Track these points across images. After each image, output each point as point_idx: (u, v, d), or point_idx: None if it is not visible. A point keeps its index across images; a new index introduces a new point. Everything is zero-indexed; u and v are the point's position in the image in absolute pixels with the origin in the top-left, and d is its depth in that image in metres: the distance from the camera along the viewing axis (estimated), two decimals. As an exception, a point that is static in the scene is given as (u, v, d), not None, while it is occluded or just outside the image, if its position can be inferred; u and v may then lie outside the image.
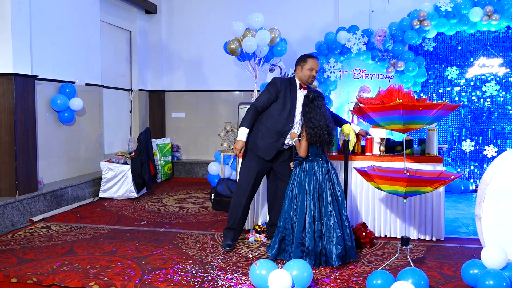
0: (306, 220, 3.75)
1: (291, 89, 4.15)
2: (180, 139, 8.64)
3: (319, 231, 3.74)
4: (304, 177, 3.86)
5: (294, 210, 3.84)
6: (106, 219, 5.24)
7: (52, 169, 5.88)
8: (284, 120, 4.11)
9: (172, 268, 3.62)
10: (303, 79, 4.15)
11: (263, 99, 4.14)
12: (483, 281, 3.08)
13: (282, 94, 4.12)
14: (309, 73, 4.11)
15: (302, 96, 4.14)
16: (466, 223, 5.13)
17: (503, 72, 6.90)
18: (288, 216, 3.88)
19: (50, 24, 5.80)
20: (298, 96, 4.16)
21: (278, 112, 4.11)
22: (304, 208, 3.79)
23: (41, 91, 5.63)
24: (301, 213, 3.78)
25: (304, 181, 3.84)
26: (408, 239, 3.59)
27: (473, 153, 7.08)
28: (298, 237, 3.76)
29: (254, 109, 4.14)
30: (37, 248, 4.14)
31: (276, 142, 4.13)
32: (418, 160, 4.43)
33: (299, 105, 4.15)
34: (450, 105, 3.42)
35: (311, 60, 4.13)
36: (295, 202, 3.85)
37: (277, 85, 4.13)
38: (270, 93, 4.14)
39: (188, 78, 8.54)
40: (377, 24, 7.00)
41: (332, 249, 3.70)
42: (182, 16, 8.50)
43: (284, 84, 4.15)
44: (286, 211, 3.90)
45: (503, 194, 3.44)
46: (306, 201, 3.79)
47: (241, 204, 4.21)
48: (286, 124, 4.11)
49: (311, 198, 3.78)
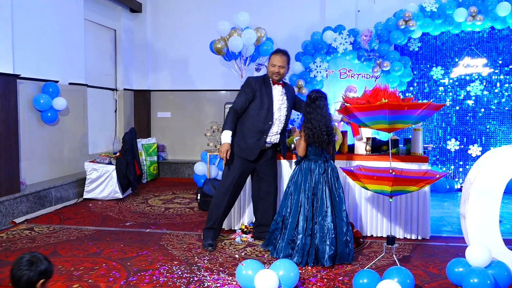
0: (300, 219, 3.78)
1: (266, 86, 4.16)
2: (166, 139, 8.58)
3: (310, 229, 3.76)
4: (301, 176, 3.88)
5: (288, 207, 3.89)
6: (91, 220, 5.18)
7: (35, 170, 5.80)
8: (263, 119, 4.12)
9: (158, 269, 3.60)
10: (269, 75, 4.18)
11: (240, 100, 4.14)
12: (468, 279, 3.11)
13: (258, 93, 4.13)
14: (272, 69, 4.13)
15: (278, 92, 4.17)
16: (451, 222, 5.17)
17: (487, 72, 6.98)
18: (280, 211, 3.94)
19: (33, 22, 5.71)
20: (274, 93, 4.17)
21: (256, 112, 4.12)
22: (298, 207, 3.82)
23: (23, 90, 5.55)
24: (295, 211, 3.82)
25: (300, 180, 3.87)
26: (394, 238, 3.60)
27: (457, 153, 7.16)
28: (290, 234, 3.79)
29: (233, 111, 4.13)
30: (20, 250, 4.08)
31: (258, 141, 4.14)
32: (403, 159, 4.45)
33: (276, 101, 4.16)
34: (435, 104, 3.45)
35: (273, 56, 4.15)
36: (290, 199, 3.89)
37: (252, 84, 4.14)
38: (246, 93, 4.14)
39: (173, 77, 8.48)
40: (363, 24, 7.03)
41: (325, 249, 3.71)
42: (168, 15, 8.44)
43: (259, 83, 4.15)
44: (280, 207, 3.97)
45: (487, 193, 3.47)
46: (301, 200, 3.82)
47: (222, 205, 4.20)
48: (265, 123, 4.12)
49: (306, 197, 3.80)
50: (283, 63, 4.13)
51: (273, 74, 4.14)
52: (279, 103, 4.21)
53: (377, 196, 4.50)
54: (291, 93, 4.36)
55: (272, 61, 4.14)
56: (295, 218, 3.80)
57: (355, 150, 4.70)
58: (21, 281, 2.17)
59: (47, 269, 2.23)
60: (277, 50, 4.21)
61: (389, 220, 4.46)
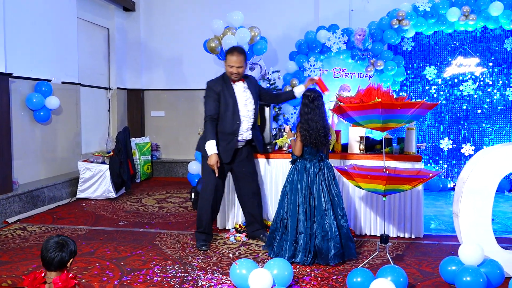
0: (300, 218, 3.79)
1: (227, 86, 4.12)
2: (160, 138, 8.56)
3: (310, 228, 3.77)
4: (297, 175, 3.88)
5: (285, 207, 3.88)
6: (84, 220, 5.16)
7: (27, 169, 5.77)
8: (230, 120, 4.08)
9: (152, 269, 3.59)
10: (228, 76, 4.13)
11: (211, 106, 4.07)
12: (461, 277, 3.12)
13: (221, 94, 4.08)
14: (230, 70, 4.09)
15: (240, 88, 4.13)
16: (444, 221, 5.18)
17: (480, 71, 7.02)
18: (278, 212, 3.95)
19: (25, 20, 5.68)
20: (236, 91, 4.13)
21: (223, 114, 4.08)
22: (296, 206, 3.82)
23: (16, 89, 5.51)
24: (293, 212, 3.82)
25: (296, 179, 3.87)
26: (388, 237, 3.61)
27: (450, 152, 7.19)
28: (292, 234, 3.79)
29: (210, 119, 4.07)
30: (12, 250, 4.06)
31: (231, 143, 4.11)
32: (397, 158, 4.47)
33: (240, 98, 4.12)
34: (428, 104, 3.46)
35: (229, 57, 4.08)
36: (286, 199, 3.89)
37: (213, 88, 4.10)
38: (212, 97, 4.09)
39: (167, 76, 8.46)
40: (357, 24, 7.04)
41: (330, 248, 3.71)
42: (161, 14, 8.41)
43: (219, 84, 4.11)
44: (278, 207, 3.97)
45: (480, 191, 3.48)
46: (298, 199, 3.82)
47: (207, 208, 4.19)
48: (233, 123, 4.09)
49: (303, 196, 3.81)
50: (241, 63, 4.07)
51: (232, 75, 4.09)
52: (244, 99, 4.15)
53: (370, 195, 4.51)
54: (254, 85, 4.30)
55: (229, 62, 4.07)
56: (294, 218, 3.80)
57: (348, 149, 4.71)
58: (53, 262, 2.37)
59: (75, 249, 2.47)
60: (232, 50, 4.11)
61: (382, 219, 4.47)
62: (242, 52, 4.11)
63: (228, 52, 4.11)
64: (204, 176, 4.25)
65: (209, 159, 4.00)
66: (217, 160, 3.99)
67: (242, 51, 4.11)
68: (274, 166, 4.68)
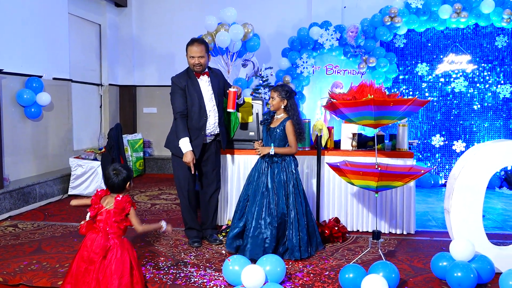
0: (261, 216, 3.82)
1: (191, 81, 4.06)
2: (152, 135, 8.53)
3: (269, 223, 3.80)
4: (255, 172, 3.97)
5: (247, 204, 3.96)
6: (76, 217, 5.12)
7: (18, 166, 5.72)
8: (197, 115, 4.03)
9: (144, 266, 3.58)
10: (191, 67, 4.07)
11: (179, 102, 4.02)
12: (452, 273, 3.15)
13: (186, 90, 4.03)
14: (192, 61, 4.02)
15: (205, 83, 4.08)
16: (436, 217, 5.22)
17: (471, 68, 7.06)
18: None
19: (16, 16, 5.62)
20: (201, 85, 4.07)
21: (190, 109, 4.03)
22: (255, 202, 3.87)
23: (6, 85, 5.46)
24: (251, 206, 3.89)
25: (255, 176, 3.96)
26: (380, 233, 3.64)
27: (442, 148, 7.23)
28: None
29: (180, 116, 4.01)
30: (3, 247, 4.03)
31: (198, 138, 4.04)
32: (389, 155, 4.48)
33: (205, 92, 4.07)
34: (420, 100, 3.48)
35: (190, 48, 4.01)
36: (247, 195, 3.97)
37: (177, 84, 4.05)
38: (178, 93, 4.04)
39: (159, 72, 8.42)
40: (349, 20, 7.05)
41: (292, 242, 3.79)
42: (153, 9, 8.37)
43: (183, 79, 4.06)
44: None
45: (471, 188, 3.51)
46: (257, 196, 3.87)
47: (188, 207, 4.17)
48: (200, 119, 4.03)
49: (261, 193, 3.87)
50: (202, 53, 3.99)
51: (195, 66, 4.02)
52: (210, 94, 4.09)
53: (362, 191, 4.53)
54: (219, 79, 4.19)
55: (190, 53, 4.00)
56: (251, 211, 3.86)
57: (341, 146, 4.71)
58: (115, 186, 2.97)
59: (128, 175, 3.01)
60: (193, 40, 4.03)
61: (374, 215, 4.48)
62: (202, 42, 4.04)
63: (188, 44, 4.03)
64: (176, 174, 4.15)
65: (185, 157, 3.93)
66: (192, 157, 3.93)
67: (202, 41, 4.05)
68: (237, 163, 4.68)
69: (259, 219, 3.78)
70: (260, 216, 3.78)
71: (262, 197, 3.82)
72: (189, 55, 4.01)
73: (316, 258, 3.83)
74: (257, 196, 3.84)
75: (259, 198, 3.82)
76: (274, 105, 3.92)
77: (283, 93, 3.89)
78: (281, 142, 3.90)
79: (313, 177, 4.59)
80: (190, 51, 4.00)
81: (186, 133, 3.96)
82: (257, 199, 3.83)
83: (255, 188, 3.88)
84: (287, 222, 3.82)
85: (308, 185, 4.58)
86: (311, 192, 4.59)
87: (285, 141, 3.90)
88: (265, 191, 3.83)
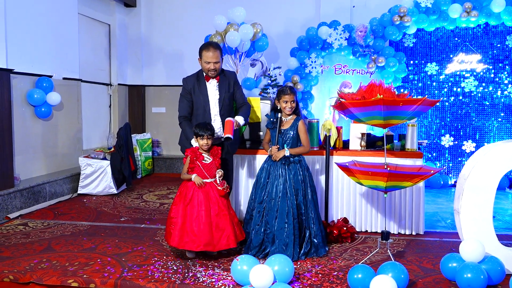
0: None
1: (200, 83, 4.05)
2: (161, 134, 8.54)
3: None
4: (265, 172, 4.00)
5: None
6: (85, 216, 5.16)
7: (29, 165, 5.76)
8: (201, 118, 4.03)
9: (153, 265, 3.59)
10: (205, 72, 4.05)
11: (182, 106, 4.07)
12: (462, 274, 3.12)
13: (192, 92, 4.04)
14: (206, 66, 4.00)
15: (213, 87, 4.05)
16: (445, 217, 5.18)
17: (481, 68, 7.00)
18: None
19: (26, 16, 5.66)
20: (208, 88, 4.06)
21: (195, 112, 4.05)
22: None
23: (17, 85, 5.50)
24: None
25: (265, 181, 3.97)
26: (389, 233, 3.62)
27: (452, 148, 7.17)
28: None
29: (183, 120, 4.06)
30: (14, 245, 4.05)
31: None
32: (398, 155, 4.46)
33: (212, 97, 4.05)
34: (430, 100, 3.45)
35: (206, 53, 3.97)
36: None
37: (184, 86, 4.07)
38: (184, 96, 4.07)
39: (168, 72, 8.43)
40: (358, 20, 7.02)
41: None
42: (162, 9, 8.39)
43: (191, 82, 4.06)
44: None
45: (481, 188, 3.48)
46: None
47: None
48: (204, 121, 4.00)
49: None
50: (217, 58, 3.98)
51: (209, 71, 4.01)
52: (216, 99, 4.07)
53: (371, 192, 4.51)
54: (229, 82, 4.14)
55: (206, 58, 3.97)
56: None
57: (350, 146, 4.69)
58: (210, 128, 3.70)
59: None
60: (208, 45, 4.01)
61: (383, 216, 4.47)
62: (218, 47, 4.03)
63: (203, 49, 4.00)
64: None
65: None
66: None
67: (217, 46, 4.04)
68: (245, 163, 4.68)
69: (283, 222, 3.78)
70: (285, 219, 3.78)
71: (284, 200, 3.80)
72: (205, 60, 3.99)
73: (324, 258, 3.82)
74: (277, 199, 3.83)
75: (280, 201, 3.81)
76: (293, 108, 3.93)
77: (295, 95, 3.93)
78: (295, 142, 3.92)
79: (321, 177, 4.58)
80: (206, 56, 3.97)
81: (192, 134, 3.95)
82: (278, 202, 3.82)
83: (273, 191, 3.85)
84: (309, 220, 3.86)
85: (317, 185, 4.54)
86: (320, 192, 4.55)
87: (298, 141, 3.93)
88: (286, 193, 3.82)
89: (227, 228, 3.70)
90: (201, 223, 3.65)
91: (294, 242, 3.76)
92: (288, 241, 3.75)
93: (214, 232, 3.66)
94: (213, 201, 3.74)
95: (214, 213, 3.71)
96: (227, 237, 3.69)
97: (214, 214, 3.70)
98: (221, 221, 3.70)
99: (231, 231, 3.70)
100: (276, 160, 3.89)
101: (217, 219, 3.70)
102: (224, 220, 3.71)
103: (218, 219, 3.70)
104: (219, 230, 3.68)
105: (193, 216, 3.68)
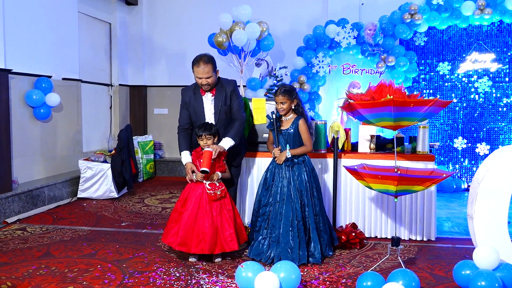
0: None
1: (196, 96, 4.06)
2: (163, 137, 8.48)
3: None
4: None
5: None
6: (85, 220, 5.13)
7: (27, 168, 5.72)
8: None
9: (155, 271, 3.57)
10: (199, 85, 4.03)
11: (182, 116, 4.14)
12: (475, 282, 3.05)
13: (189, 104, 4.07)
14: (199, 81, 3.97)
15: (208, 100, 4.05)
16: (458, 223, 5.12)
17: (496, 67, 6.87)
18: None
19: (25, 15, 5.62)
20: (204, 102, 4.06)
21: (194, 123, 4.09)
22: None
23: (15, 85, 5.46)
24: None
25: (270, 183, 3.99)
26: (399, 239, 3.59)
27: (465, 151, 7.06)
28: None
29: (180, 130, 4.12)
30: (12, 251, 4.04)
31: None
32: (409, 158, 4.41)
33: (207, 110, 4.05)
34: (442, 101, 3.47)
35: (196, 69, 3.90)
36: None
37: (183, 97, 4.13)
38: (182, 107, 4.14)
39: (171, 72, 8.38)
40: (367, 18, 6.92)
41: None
42: (164, 8, 8.33)
43: (188, 93, 4.10)
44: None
45: (495, 192, 3.44)
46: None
47: None
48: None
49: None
50: (209, 73, 3.89)
51: (203, 86, 3.98)
52: (211, 113, 4.06)
53: (381, 196, 4.45)
54: (226, 93, 4.05)
55: (197, 74, 3.91)
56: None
57: (358, 148, 4.65)
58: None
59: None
60: (198, 60, 3.90)
61: (393, 221, 4.40)
62: (209, 61, 3.91)
63: (193, 64, 3.93)
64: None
65: (185, 169, 3.96)
66: (192, 167, 3.90)
67: (208, 60, 3.92)
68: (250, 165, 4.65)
69: (288, 225, 3.78)
70: (290, 222, 3.78)
71: (288, 202, 3.81)
72: (196, 76, 3.95)
73: (332, 265, 3.77)
74: (282, 202, 3.84)
75: (285, 204, 3.82)
76: (285, 109, 3.93)
77: (288, 95, 3.90)
78: (296, 142, 3.92)
79: (329, 180, 4.52)
80: (197, 72, 3.92)
81: (186, 146, 4.03)
82: (283, 205, 3.83)
83: (278, 193, 3.87)
84: (316, 221, 3.86)
85: (325, 189, 4.51)
86: (328, 196, 4.52)
87: (300, 141, 3.92)
88: (290, 195, 3.82)
89: (229, 229, 3.73)
90: (202, 223, 3.69)
91: (299, 244, 3.75)
92: (293, 244, 3.75)
93: (218, 232, 3.70)
94: (215, 202, 3.78)
95: (215, 212, 3.74)
96: (229, 238, 3.71)
97: (216, 214, 3.74)
98: (222, 222, 3.73)
99: (233, 233, 3.73)
100: (280, 164, 3.90)
101: (218, 220, 3.72)
102: (226, 221, 3.74)
103: (219, 219, 3.73)
104: (220, 231, 3.70)
105: (193, 217, 3.71)
